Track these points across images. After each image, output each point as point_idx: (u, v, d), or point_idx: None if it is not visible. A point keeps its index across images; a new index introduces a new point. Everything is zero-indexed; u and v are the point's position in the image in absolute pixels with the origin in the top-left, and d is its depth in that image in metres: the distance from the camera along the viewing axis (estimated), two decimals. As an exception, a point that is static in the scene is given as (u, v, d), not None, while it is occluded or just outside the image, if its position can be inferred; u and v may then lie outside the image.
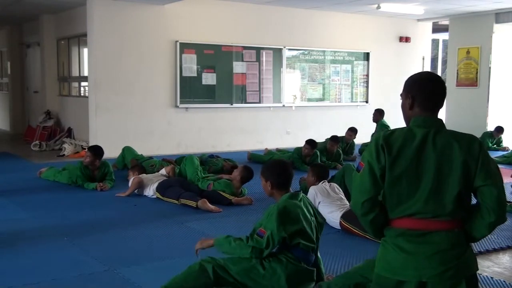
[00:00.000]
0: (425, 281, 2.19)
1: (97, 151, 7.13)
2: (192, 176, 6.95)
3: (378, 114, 10.67)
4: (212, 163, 8.02)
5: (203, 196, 6.12)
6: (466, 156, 2.21)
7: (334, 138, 9.06)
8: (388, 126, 10.01)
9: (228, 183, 6.45)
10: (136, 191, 6.70)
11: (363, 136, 10.53)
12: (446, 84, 2.38)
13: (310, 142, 8.63)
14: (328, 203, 5.35)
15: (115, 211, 5.96)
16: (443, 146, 2.23)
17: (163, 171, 7.16)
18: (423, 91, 2.31)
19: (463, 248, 2.24)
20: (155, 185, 6.58)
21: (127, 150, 8.59)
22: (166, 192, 6.36)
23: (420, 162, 2.22)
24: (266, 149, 10.31)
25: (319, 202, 5.37)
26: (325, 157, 8.90)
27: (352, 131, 10.06)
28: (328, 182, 5.92)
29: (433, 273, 2.18)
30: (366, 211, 2.29)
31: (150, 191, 6.61)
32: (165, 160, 8.25)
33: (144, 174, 7.05)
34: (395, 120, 13.16)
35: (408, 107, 2.34)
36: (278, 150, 10.39)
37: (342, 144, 9.65)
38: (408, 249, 2.22)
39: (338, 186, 5.70)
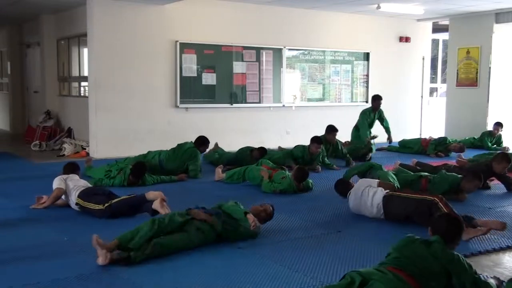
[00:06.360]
0: None
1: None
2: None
3: None
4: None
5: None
6: None
7: (315, 139, 8.66)
8: None
9: (289, 183, 6.83)
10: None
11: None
12: (446, 84, 2.39)
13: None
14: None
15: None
16: None
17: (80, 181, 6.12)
18: None
19: None
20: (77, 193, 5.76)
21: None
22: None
23: None
24: None
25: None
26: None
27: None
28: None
29: None
30: None
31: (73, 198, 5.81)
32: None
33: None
34: (395, 120, 13.17)
35: None
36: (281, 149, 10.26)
37: (326, 145, 9.15)
38: None
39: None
